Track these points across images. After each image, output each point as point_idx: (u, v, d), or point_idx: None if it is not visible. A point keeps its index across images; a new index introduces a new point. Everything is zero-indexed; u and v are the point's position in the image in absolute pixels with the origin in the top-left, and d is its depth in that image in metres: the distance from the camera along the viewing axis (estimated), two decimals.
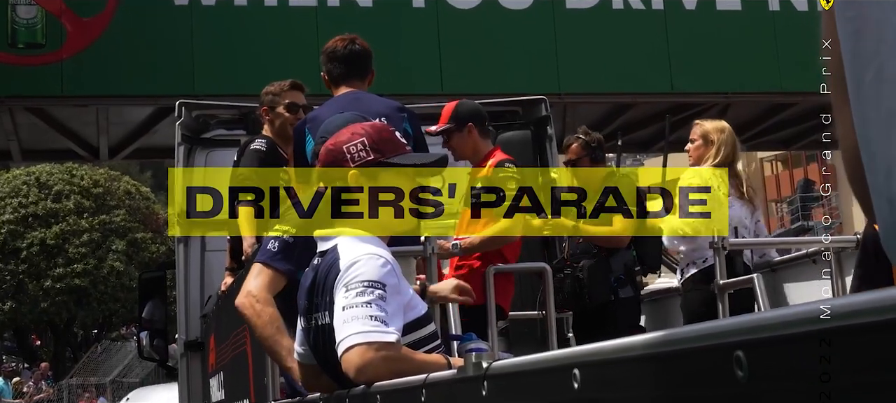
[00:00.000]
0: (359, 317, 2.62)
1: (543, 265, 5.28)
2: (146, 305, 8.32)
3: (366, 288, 2.65)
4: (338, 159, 2.93)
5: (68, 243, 28.15)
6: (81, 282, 27.82)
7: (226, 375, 5.40)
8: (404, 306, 2.76)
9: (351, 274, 2.70)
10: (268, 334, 3.18)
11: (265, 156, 5.15)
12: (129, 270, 28.28)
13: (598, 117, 12.75)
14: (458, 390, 1.68)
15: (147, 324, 8.28)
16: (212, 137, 7.18)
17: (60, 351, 30.92)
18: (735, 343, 0.87)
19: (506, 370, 1.51)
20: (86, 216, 28.66)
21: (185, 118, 7.08)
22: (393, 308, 2.67)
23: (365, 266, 2.70)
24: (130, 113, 11.63)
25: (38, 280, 27.86)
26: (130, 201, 30.11)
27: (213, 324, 6.05)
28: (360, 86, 4.83)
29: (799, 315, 0.82)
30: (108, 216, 29.02)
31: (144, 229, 29.52)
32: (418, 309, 2.86)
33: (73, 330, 31.28)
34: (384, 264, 2.72)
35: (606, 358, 1.16)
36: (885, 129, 0.86)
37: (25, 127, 11.86)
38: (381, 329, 2.60)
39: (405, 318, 2.75)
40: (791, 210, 38.72)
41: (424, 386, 1.88)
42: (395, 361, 2.57)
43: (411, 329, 2.79)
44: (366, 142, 2.94)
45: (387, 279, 2.69)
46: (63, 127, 11.88)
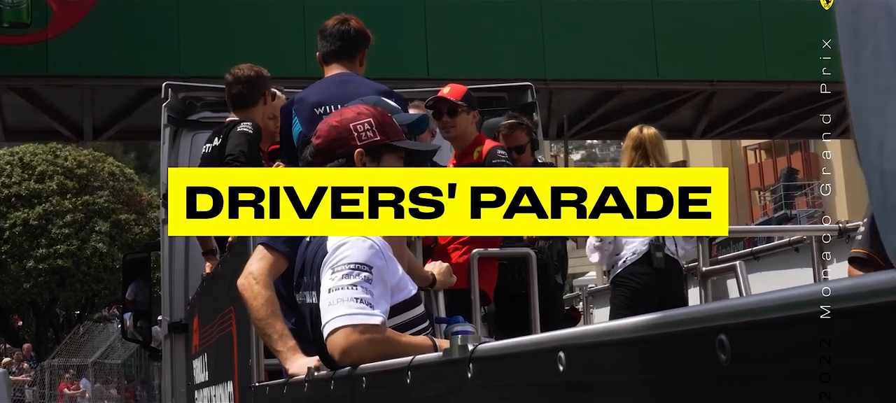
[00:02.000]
0: (344, 300, 2.64)
1: (528, 250, 5.29)
2: (130, 286, 8.30)
3: (352, 271, 2.66)
4: (343, 136, 2.96)
5: (51, 224, 28.05)
6: (64, 263, 27.73)
7: (210, 356, 5.40)
8: (393, 288, 2.75)
9: (338, 255, 2.71)
10: (262, 316, 3.20)
11: (252, 138, 5.15)
12: (112, 251, 28.20)
13: (584, 103, 12.78)
14: (443, 372, 1.68)
15: (131, 305, 8.26)
16: (198, 119, 7.16)
17: (42, 332, 30.84)
18: (718, 327, 0.88)
19: (491, 352, 1.51)
20: (69, 197, 28.56)
21: (172, 100, 7.08)
22: (379, 290, 2.67)
23: (352, 248, 2.71)
24: (115, 93, 11.59)
25: (21, 260, 27.76)
26: (114, 182, 30.00)
27: (198, 307, 6.09)
28: (350, 68, 4.81)
29: (794, 298, 0.82)
30: (92, 197, 28.92)
31: (128, 210, 29.44)
32: (407, 290, 2.85)
33: (55, 310, 31.20)
34: (371, 246, 2.72)
35: (593, 341, 1.16)
36: (879, 105, 0.86)
37: (10, 106, 11.82)
38: (367, 311, 2.61)
39: (394, 300, 2.75)
40: (774, 198, 38.89)
41: (410, 368, 1.87)
42: (379, 344, 2.57)
43: (400, 310, 2.79)
44: (372, 122, 2.97)
45: (373, 261, 2.69)
46: (48, 107, 11.84)
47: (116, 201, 29.48)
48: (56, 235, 27.89)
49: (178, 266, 7.05)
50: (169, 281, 7.06)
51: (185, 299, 6.92)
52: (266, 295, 3.20)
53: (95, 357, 24.62)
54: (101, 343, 24.50)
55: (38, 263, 27.63)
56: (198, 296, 6.17)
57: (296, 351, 3.04)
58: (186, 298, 6.90)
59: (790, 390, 0.81)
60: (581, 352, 1.14)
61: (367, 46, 4.92)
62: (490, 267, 5.22)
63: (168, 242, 7.04)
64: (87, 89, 11.24)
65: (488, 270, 5.18)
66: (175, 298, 7.00)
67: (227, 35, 10.90)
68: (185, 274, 6.99)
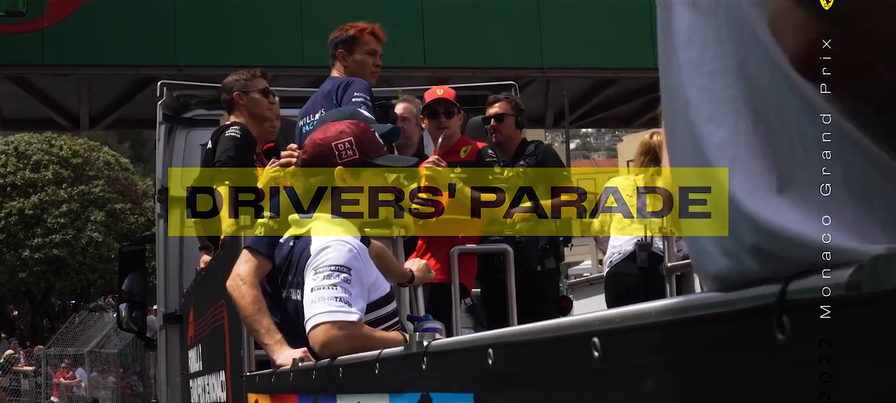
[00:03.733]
0: (325, 298, 2.95)
1: (505, 246, 5.42)
2: (126, 278, 8.53)
3: (332, 272, 2.97)
4: (325, 154, 3.23)
5: (47, 213, 28.02)
6: (60, 253, 27.71)
7: (204, 347, 5.64)
8: (369, 286, 3.09)
9: (320, 258, 3.03)
10: (250, 313, 3.48)
11: (240, 142, 5.39)
12: (107, 241, 28.19)
13: (581, 91, 12.79)
14: (403, 364, 1.98)
15: (126, 296, 8.49)
16: (192, 117, 7.39)
17: (38, 322, 30.83)
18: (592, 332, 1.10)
19: (440, 348, 1.83)
20: (64, 186, 28.52)
21: (167, 98, 7.29)
22: (356, 290, 2.98)
23: (333, 251, 3.02)
24: (111, 82, 11.59)
25: (16, 250, 27.72)
26: (109, 172, 29.96)
27: (193, 299, 6.29)
28: (334, 71, 5.20)
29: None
30: (87, 186, 28.89)
31: (123, 200, 29.40)
32: (382, 288, 3.21)
33: (50, 300, 31.18)
34: (350, 250, 3.04)
35: (519, 340, 1.42)
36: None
37: (6, 95, 11.81)
38: (345, 309, 2.92)
39: (370, 297, 3.09)
40: None
41: (378, 361, 2.19)
42: (356, 338, 2.86)
43: (375, 306, 3.14)
44: (353, 141, 3.23)
45: (352, 263, 3.01)
46: (44, 95, 11.84)
47: (112, 190, 29.44)
48: (51, 224, 27.86)
49: (172, 259, 7.26)
50: (164, 274, 7.28)
51: (180, 291, 7.12)
52: (253, 294, 3.47)
53: (91, 346, 24.62)
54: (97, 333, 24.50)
55: (34, 252, 27.61)
56: (193, 289, 6.38)
57: (282, 344, 3.30)
58: (181, 290, 7.10)
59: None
60: (511, 349, 1.42)
61: (343, 47, 5.25)
62: (469, 261, 5.47)
63: (163, 236, 7.28)
64: (84, 78, 11.24)
65: (467, 264, 5.41)
66: (170, 290, 7.22)
67: (223, 24, 10.90)
68: (180, 266, 7.19)
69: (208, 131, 6.26)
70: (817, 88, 0.81)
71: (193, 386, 6.18)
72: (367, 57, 5.37)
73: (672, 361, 0.91)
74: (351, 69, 5.25)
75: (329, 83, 5.17)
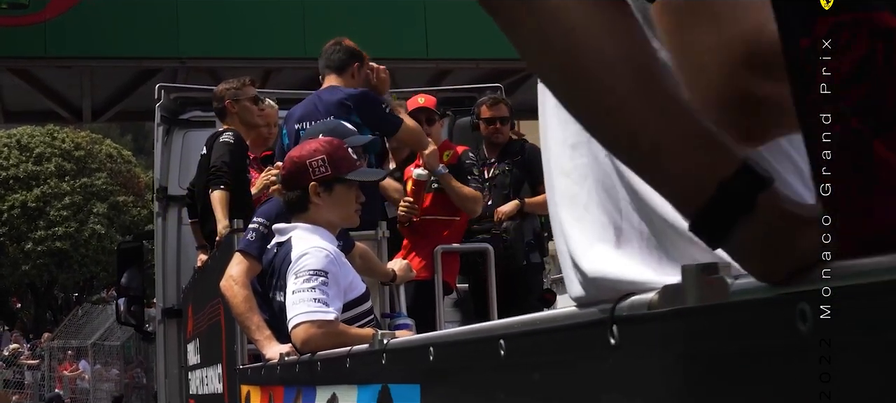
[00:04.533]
0: (305, 299, 3.30)
1: (486, 246, 5.60)
2: (124, 273, 8.85)
3: (311, 276, 3.33)
4: (300, 171, 3.62)
5: (49, 206, 28.07)
6: (62, 245, 27.76)
7: (202, 341, 5.96)
8: (345, 288, 3.45)
9: (300, 264, 3.38)
10: (241, 311, 3.85)
11: (233, 147, 5.73)
12: (110, 233, 28.23)
13: None
14: (368, 359, 2.31)
15: (125, 291, 8.85)
16: (188, 118, 7.75)
17: (41, 314, 30.90)
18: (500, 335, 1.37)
19: (395, 346, 2.15)
20: (67, 179, 28.57)
21: (164, 100, 7.64)
22: (333, 291, 3.34)
23: (311, 257, 3.38)
24: (114, 75, 11.61)
25: (19, 242, 27.79)
26: (112, 164, 30.00)
27: (191, 295, 6.61)
28: (341, 80, 5.33)
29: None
30: (90, 179, 28.93)
31: (126, 192, 29.45)
32: (358, 289, 3.58)
33: (53, 292, 31.24)
34: (327, 256, 3.40)
35: (449, 341, 1.77)
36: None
37: (8, 88, 11.83)
38: (323, 309, 3.27)
39: (346, 298, 3.45)
40: None
41: (348, 356, 2.53)
42: (332, 335, 3.20)
43: (351, 305, 3.51)
44: (326, 159, 3.62)
45: (329, 267, 3.37)
46: (46, 88, 11.85)
47: (114, 183, 29.49)
48: (54, 217, 27.91)
49: (170, 255, 7.63)
50: (162, 270, 7.62)
51: (178, 286, 7.49)
52: (244, 294, 3.85)
53: (94, 339, 24.64)
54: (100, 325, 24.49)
55: (37, 245, 27.67)
56: (191, 286, 6.72)
57: (271, 340, 3.69)
58: (178, 285, 7.48)
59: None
60: (445, 348, 1.73)
61: (358, 61, 5.40)
62: (452, 259, 5.67)
63: (162, 233, 7.65)
64: (86, 70, 11.25)
65: (450, 262, 5.62)
66: (168, 285, 7.58)
67: (224, 17, 10.91)
68: (177, 262, 7.58)
69: (204, 131, 6.77)
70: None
71: (192, 378, 6.53)
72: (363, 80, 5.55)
73: (551, 359, 1.24)
74: (359, 83, 5.36)
75: (335, 93, 5.19)
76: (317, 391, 2.79)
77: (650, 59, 0.93)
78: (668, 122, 0.92)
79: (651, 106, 0.92)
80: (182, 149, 7.61)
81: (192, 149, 7.13)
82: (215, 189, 5.55)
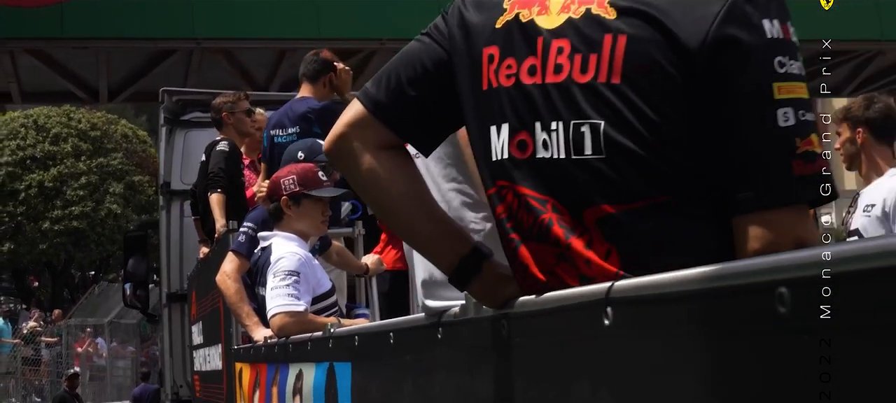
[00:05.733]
0: (281, 294, 4.12)
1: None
2: (130, 260, 9.75)
3: (286, 276, 4.15)
4: (277, 188, 4.44)
5: (66, 185, 28.26)
6: (79, 224, 27.96)
7: (204, 324, 6.73)
8: (314, 285, 4.25)
9: (278, 266, 4.21)
10: (234, 302, 4.69)
11: (228, 155, 6.59)
12: (126, 212, 28.42)
13: None
14: (321, 343, 3.05)
15: (131, 276, 9.71)
16: (189, 119, 8.44)
17: (58, 292, 31.15)
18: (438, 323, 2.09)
19: (337, 333, 2.87)
20: (83, 159, 28.74)
21: (167, 103, 8.38)
22: (303, 288, 4.16)
23: (287, 261, 4.21)
24: (130, 56, 11.71)
25: (37, 222, 27.99)
26: (127, 144, 30.16)
27: (195, 283, 7.35)
28: (312, 90, 5.95)
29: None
30: (106, 159, 29.10)
31: (141, 172, 29.60)
32: (325, 286, 4.38)
33: (70, 271, 31.48)
34: (299, 259, 4.22)
35: (363, 332, 2.64)
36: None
37: (26, 69, 11.95)
38: (295, 303, 4.10)
39: (314, 293, 4.25)
40: None
41: (310, 340, 3.32)
42: (302, 323, 3.98)
43: (319, 299, 4.29)
44: (296, 178, 4.41)
45: (300, 269, 4.19)
46: (63, 68, 11.97)
47: (130, 163, 29.65)
48: (71, 197, 28.11)
49: (174, 245, 8.39)
50: (166, 258, 8.40)
51: (181, 272, 8.23)
52: (235, 286, 4.68)
53: (111, 316, 24.87)
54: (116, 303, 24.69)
55: (54, 224, 27.88)
56: (195, 274, 7.41)
57: (258, 325, 4.47)
58: (181, 271, 8.23)
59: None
60: (363, 336, 2.52)
61: (332, 72, 5.95)
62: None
63: (166, 225, 8.40)
64: (103, 51, 11.35)
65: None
66: (172, 271, 8.35)
67: None
68: (180, 251, 8.34)
69: (203, 131, 7.66)
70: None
71: (196, 356, 7.32)
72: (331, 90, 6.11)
73: (416, 347, 2.01)
74: (327, 93, 5.95)
75: (302, 104, 5.89)
76: (289, 368, 3.59)
77: (422, 189, 1.79)
78: (433, 225, 1.78)
79: (422, 216, 1.77)
80: (184, 147, 8.39)
81: (193, 146, 7.97)
82: (213, 192, 6.44)
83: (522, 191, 1.60)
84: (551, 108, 1.55)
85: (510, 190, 1.62)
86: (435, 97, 1.75)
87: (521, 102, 1.60)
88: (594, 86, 1.51)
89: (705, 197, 1.48)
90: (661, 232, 1.48)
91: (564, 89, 1.54)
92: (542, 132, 1.57)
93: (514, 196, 1.62)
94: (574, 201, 1.54)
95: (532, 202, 1.59)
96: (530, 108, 1.58)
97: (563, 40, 1.56)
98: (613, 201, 1.50)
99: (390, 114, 1.74)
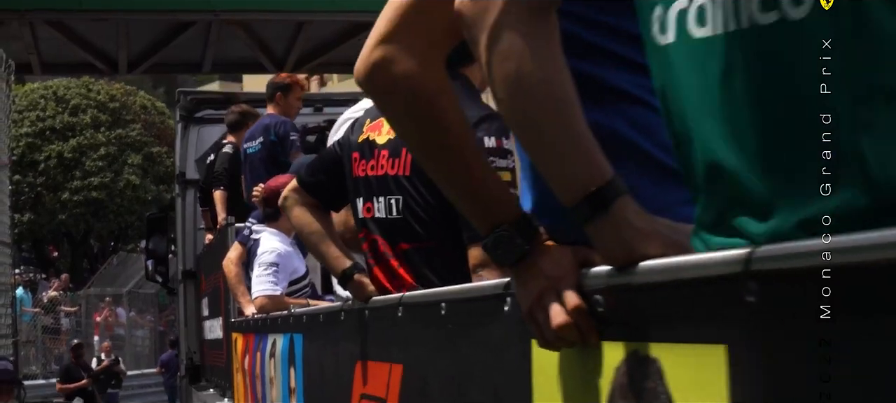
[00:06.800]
0: (263, 281, 5.19)
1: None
2: (151, 238, 11.04)
3: (268, 266, 5.21)
4: (273, 195, 4.76)
5: (85, 156, 28.48)
6: (98, 195, 28.19)
7: (210, 299, 7.83)
8: (290, 273, 5.26)
9: (261, 257, 5.26)
10: (233, 283, 5.74)
11: (232, 157, 7.46)
12: (144, 183, 28.64)
13: None
14: (286, 319, 4.05)
15: (152, 254, 10.99)
16: (202, 116, 9.44)
17: (77, 262, 31.42)
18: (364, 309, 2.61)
19: (298, 313, 3.88)
20: (102, 130, 28.94)
21: (182, 101, 9.49)
22: (282, 276, 5.21)
23: (269, 253, 5.25)
24: (149, 27, 11.77)
25: (56, 192, 28.24)
26: (146, 116, 30.34)
27: (203, 263, 8.62)
28: (272, 107, 7.12)
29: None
30: (125, 130, 29.30)
31: (159, 143, 29.78)
32: (299, 271, 5.36)
33: (89, 241, 31.74)
34: (279, 252, 5.25)
35: (308, 313, 3.68)
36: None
37: (45, 40, 12.02)
38: (273, 287, 5.16)
39: (290, 278, 5.28)
40: None
41: (280, 317, 4.25)
42: (278, 304, 4.99)
43: (293, 283, 5.30)
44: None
45: (279, 260, 5.22)
46: (82, 40, 12.04)
47: (148, 134, 29.84)
48: (90, 167, 28.32)
49: (188, 229, 9.40)
50: (182, 239, 9.55)
51: (194, 252, 9.32)
52: (235, 270, 5.70)
53: (130, 286, 25.10)
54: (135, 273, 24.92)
55: (73, 195, 28.11)
56: (202, 256, 8.70)
57: (249, 303, 5.39)
58: (195, 251, 9.32)
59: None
60: (309, 316, 3.59)
61: (280, 91, 7.07)
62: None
63: (182, 211, 9.45)
64: (122, 23, 11.42)
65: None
66: (187, 251, 9.45)
67: None
68: (194, 234, 9.33)
69: (215, 127, 8.80)
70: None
71: (205, 326, 8.44)
72: (297, 101, 7.21)
73: (352, 326, 2.74)
74: (283, 109, 6.99)
75: (268, 119, 7.00)
76: (268, 337, 4.43)
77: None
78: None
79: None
80: (197, 141, 9.31)
81: (206, 141, 9.03)
82: (216, 189, 7.50)
83: (372, 236, 2.80)
84: (381, 188, 2.75)
85: (367, 235, 2.82)
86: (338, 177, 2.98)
87: (367, 185, 2.80)
88: (397, 177, 2.71)
89: (455, 238, 2.64)
90: (433, 260, 2.67)
91: (383, 178, 2.74)
92: (376, 202, 2.77)
93: (369, 238, 2.81)
94: (392, 240, 2.73)
95: (377, 240, 2.78)
96: (369, 189, 2.79)
97: (386, 150, 2.74)
98: (408, 241, 2.70)
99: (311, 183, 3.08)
